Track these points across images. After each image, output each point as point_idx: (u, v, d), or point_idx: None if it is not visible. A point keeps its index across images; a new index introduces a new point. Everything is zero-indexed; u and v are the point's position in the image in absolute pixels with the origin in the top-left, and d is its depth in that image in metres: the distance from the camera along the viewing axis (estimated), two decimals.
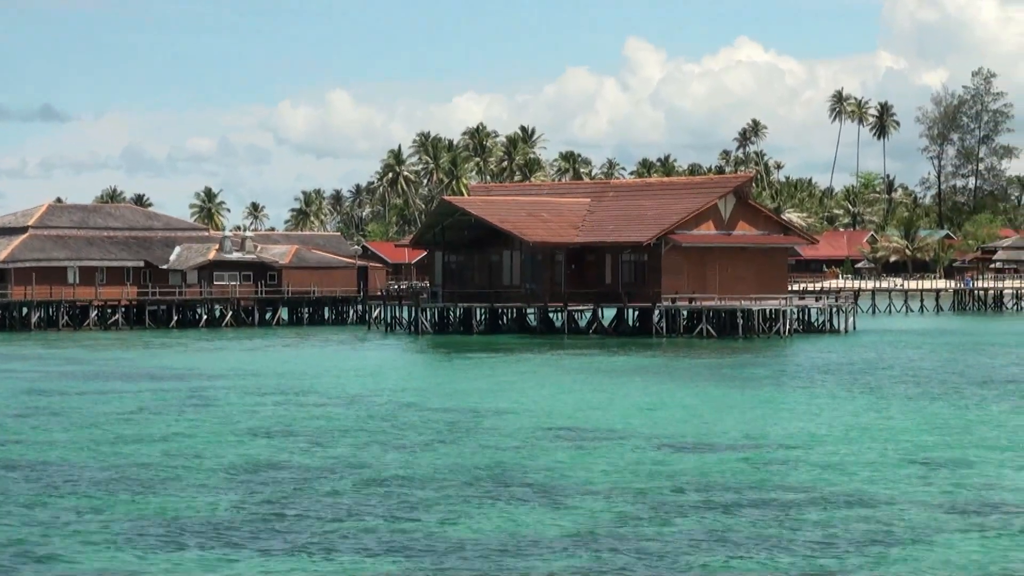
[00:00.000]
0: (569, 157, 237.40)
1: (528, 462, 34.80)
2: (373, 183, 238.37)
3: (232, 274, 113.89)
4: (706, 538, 25.77)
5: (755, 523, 27.02)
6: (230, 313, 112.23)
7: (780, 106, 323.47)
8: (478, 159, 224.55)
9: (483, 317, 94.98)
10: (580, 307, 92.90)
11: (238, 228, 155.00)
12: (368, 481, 32.07)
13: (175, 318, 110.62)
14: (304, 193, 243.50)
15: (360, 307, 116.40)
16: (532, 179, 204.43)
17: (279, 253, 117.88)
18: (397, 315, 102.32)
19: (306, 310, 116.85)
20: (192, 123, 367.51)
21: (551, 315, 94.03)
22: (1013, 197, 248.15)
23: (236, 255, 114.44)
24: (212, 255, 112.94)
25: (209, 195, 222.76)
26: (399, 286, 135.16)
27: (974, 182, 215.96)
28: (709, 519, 27.43)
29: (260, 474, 33.22)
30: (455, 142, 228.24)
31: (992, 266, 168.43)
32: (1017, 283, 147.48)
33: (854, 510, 28.20)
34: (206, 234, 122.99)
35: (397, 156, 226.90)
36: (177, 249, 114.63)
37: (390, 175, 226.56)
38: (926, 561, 23.98)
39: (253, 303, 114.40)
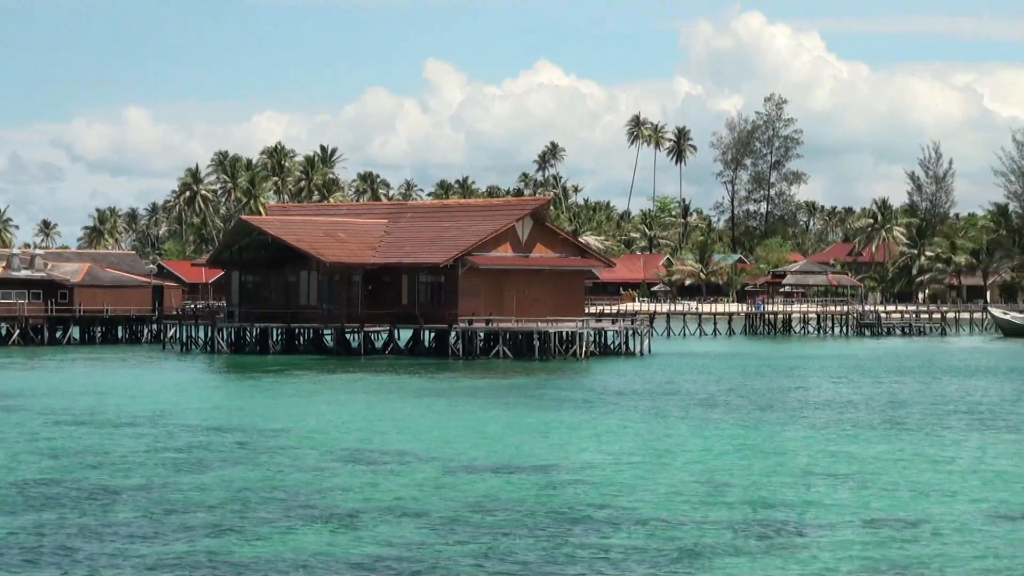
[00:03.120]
0: (368, 178, 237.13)
1: (319, 484, 34.64)
2: (170, 202, 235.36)
3: (20, 292, 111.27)
4: (491, 559, 25.91)
5: (541, 544, 27.25)
6: (17, 331, 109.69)
7: (580, 129, 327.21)
8: (276, 179, 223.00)
9: (279, 337, 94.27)
10: (376, 328, 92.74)
11: (27, 246, 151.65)
12: (154, 502, 31.63)
13: None
14: (98, 211, 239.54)
15: (155, 326, 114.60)
16: (330, 199, 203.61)
17: (71, 271, 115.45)
18: (193, 335, 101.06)
19: (99, 329, 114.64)
20: None
21: (347, 336, 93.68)
22: (801, 222, 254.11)
23: (25, 273, 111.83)
24: None
25: None
26: (195, 305, 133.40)
27: (765, 207, 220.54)
28: (496, 541, 27.59)
29: (37, 494, 32.53)
30: (254, 161, 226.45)
31: (782, 290, 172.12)
32: (804, 307, 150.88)
33: (639, 531, 28.60)
34: None
35: (195, 175, 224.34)
36: None
37: (187, 194, 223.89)
38: None
39: (43, 321, 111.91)
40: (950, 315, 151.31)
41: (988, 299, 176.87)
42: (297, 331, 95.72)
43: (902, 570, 25.15)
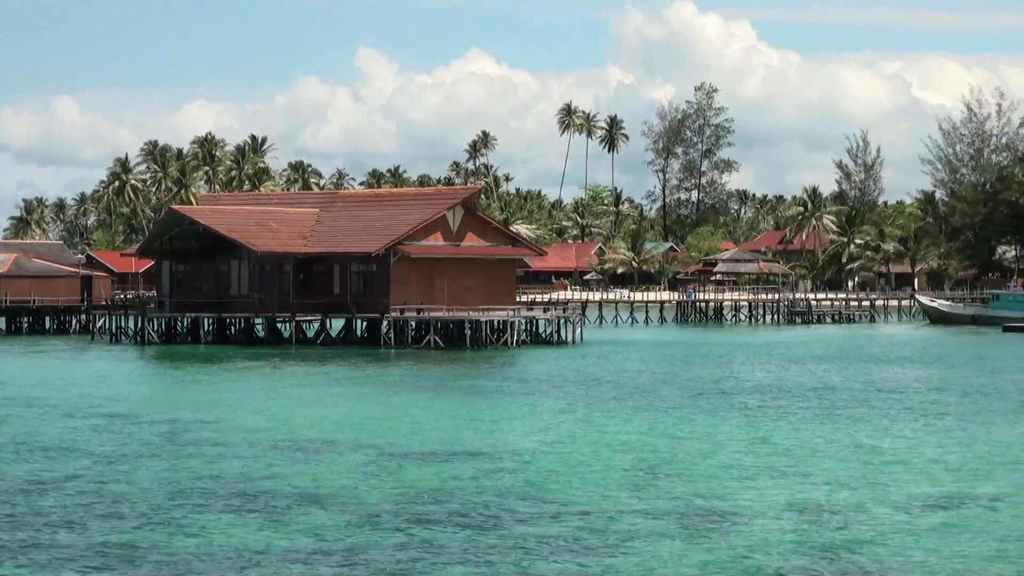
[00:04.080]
0: (299, 167, 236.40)
1: (249, 474, 34.55)
2: (99, 191, 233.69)
3: None
4: (420, 547, 25.97)
5: (472, 532, 27.31)
6: None
7: (512, 119, 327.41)
8: (207, 168, 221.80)
9: (211, 327, 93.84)
10: (308, 317, 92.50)
11: None
12: (82, 494, 31.45)
13: None
14: (25, 201, 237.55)
15: (84, 317, 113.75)
16: (261, 189, 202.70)
17: None
18: (123, 325, 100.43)
19: (26, 319, 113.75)
20: None
21: (279, 325, 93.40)
22: (733, 210, 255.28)
23: None
24: None
25: None
26: (125, 296, 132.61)
27: (697, 195, 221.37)
28: (426, 529, 27.63)
29: None
30: (184, 151, 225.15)
31: (713, 278, 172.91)
32: (736, 295, 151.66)
33: (570, 518, 28.70)
34: None
35: (124, 164, 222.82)
36: None
37: (116, 183, 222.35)
38: (636, 567, 24.54)
39: None
40: (879, 303, 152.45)
41: (916, 287, 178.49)
42: (228, 321, 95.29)
43: (832, 556, 25.38)
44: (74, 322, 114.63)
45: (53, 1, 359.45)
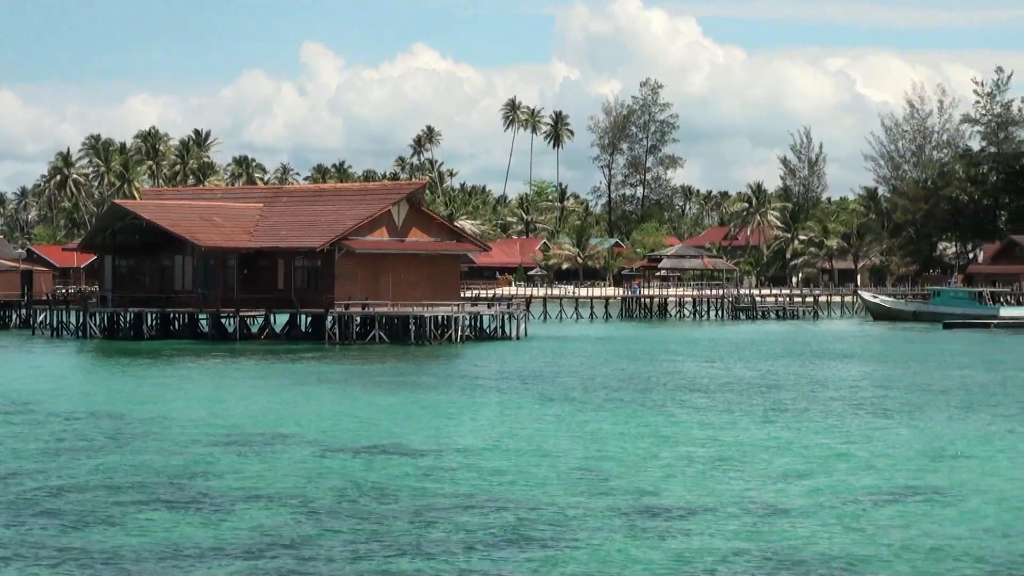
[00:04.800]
0: (243, 162, 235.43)
1: (192, 470, 34.35)
2: (40, 186, 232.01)
3: None
4: (365, 542, 25.89)
5: (414, 527, 27.25)
6: None
7: (458, 114, 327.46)
8: (151, 163, 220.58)
9: (154, 322, 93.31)
10: (252, 313, 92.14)
11: None
12: (22, 491, 31.17)
13: None
14: None
15: (24, 312, 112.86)
16: (206, 184, 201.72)
17: None
18: (64, 320, 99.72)
19: None
20: None
21: (223, 321, 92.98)
22: (678, 206, 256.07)
23: None
24: None
25: None
26: (67, 290, 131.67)
27: (642, 191, 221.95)
28: (369, 525, 27.55)
29: None
30: (127, 145, 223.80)
31: (658, 274, 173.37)
32: (680, 291, 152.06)
33: (513, 515, 28.68)
34: None
35: (66, 159, 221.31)
36: None
37: (58, 178, 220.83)
38: (578, 564, 24.55)
39: None
40: (822, 299, 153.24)
41: (858, 283, 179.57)
42: (172, 316, 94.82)
43: (774, 552, 25.45)
44: (14, 317, 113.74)
45: None
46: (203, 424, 44.15)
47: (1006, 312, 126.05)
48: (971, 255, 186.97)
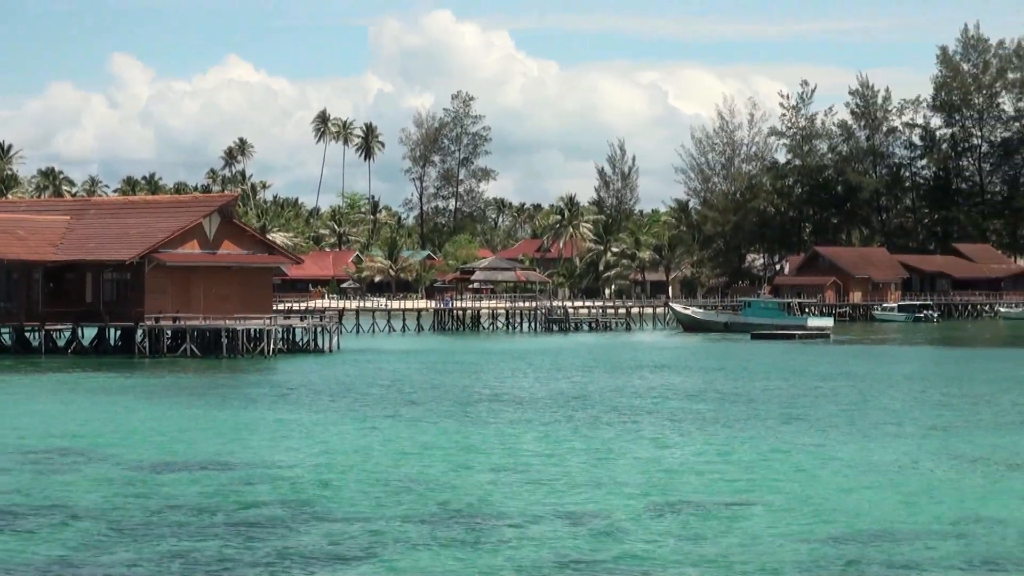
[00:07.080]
0: (49, 174, 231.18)
1: None
2: None
3: None
4: (172, 559, 25.59)
5: (224, 544, 27.00)
6: None
7: (272, 126, 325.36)
8: None
9: None
10: (59, 327, 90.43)
11: None
12: None
13: None
14: None
15: None
16: (9, 196, 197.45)
17: None
18: None
19: None
20: None
21: (27, 335, 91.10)
22: (490, 219, 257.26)
23: None
24: None
25: None
26: None
27: (454, 204, 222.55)
28: (178, 541, 27.23)
29: None
30: None
31: (471, 286, 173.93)
32: (493, 303, 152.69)
33: (324, 530, 28.58)
34: None
35: None
36: None
37: None
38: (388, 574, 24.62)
39: None
40: (635, 310, 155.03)
41: (670, 294, 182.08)
42: None
43: (585, 565, 25.69)
44: None
45: None
46: (4, 440, 43.11)
47: (813, 323, 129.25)
48: (778, 266, 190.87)
